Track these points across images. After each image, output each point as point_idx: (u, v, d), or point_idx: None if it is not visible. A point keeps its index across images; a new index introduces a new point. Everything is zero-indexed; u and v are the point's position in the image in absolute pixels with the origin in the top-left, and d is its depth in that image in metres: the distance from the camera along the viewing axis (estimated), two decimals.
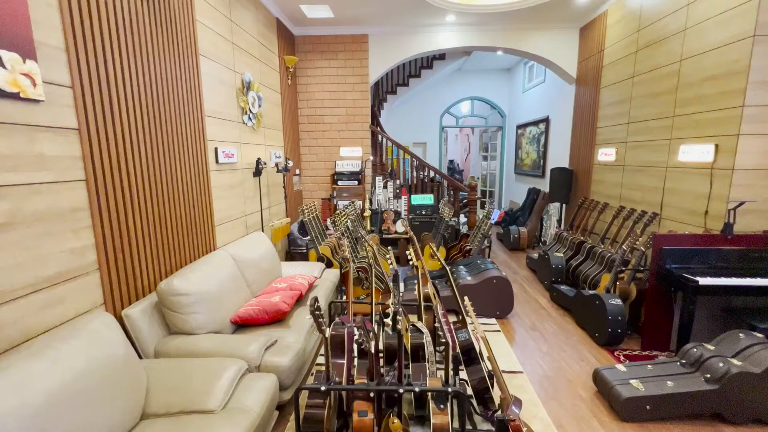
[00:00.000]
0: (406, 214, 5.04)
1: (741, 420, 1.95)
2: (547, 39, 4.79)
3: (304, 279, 2.83)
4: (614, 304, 2.71)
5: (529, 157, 6.59)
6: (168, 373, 1.67)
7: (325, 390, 1.40)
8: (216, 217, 2.83)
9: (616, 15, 3.96)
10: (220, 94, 2.91)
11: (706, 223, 2.75)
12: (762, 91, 2.46)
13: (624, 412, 2.00)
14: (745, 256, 2.47)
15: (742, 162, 2.54)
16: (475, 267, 3.47)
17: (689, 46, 2.95)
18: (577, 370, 2.48)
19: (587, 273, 3.46)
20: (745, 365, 1.94)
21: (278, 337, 2.16)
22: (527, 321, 3.21)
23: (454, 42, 4.82)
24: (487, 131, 8.65)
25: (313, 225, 3.63)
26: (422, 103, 7.89)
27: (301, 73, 4.95)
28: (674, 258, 2.53)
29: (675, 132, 3.10)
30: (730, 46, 2.57)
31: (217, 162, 2.85)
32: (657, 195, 3.31)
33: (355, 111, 5.05)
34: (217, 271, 2.29)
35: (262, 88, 3.76)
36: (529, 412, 2.06)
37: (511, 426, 1.42)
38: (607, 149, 4.10)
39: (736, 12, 2.53)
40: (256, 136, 3.59)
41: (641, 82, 3.54)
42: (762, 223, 2.59)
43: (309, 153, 5.15)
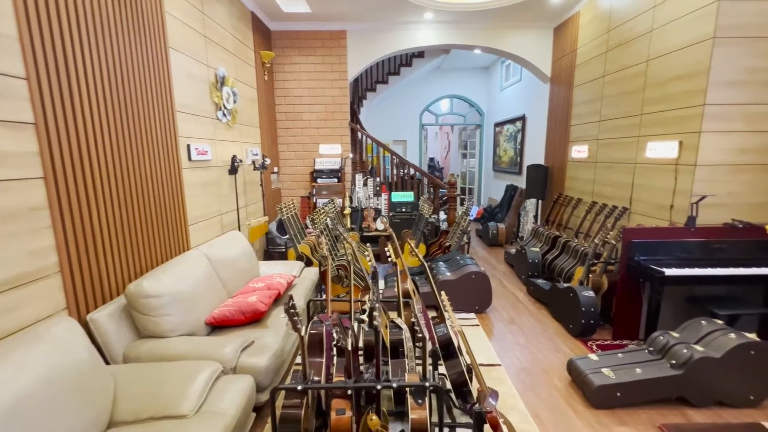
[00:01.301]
0: (387, 211, 5.04)
1: (703, 403, 2.05)
2: (523, 38, 4.88)
3: (283, 278, 2.78)
4: (587, 296, 2.80)
5: (507, 155, 6.72)
6: (137, 379, 1.60)
7: (301, 389, 1.38)
8: (189, 216, 2.74)
9: (588, 16, 4.07)
10: (193, 89, 2.82)
11: (672, 216, 2.88)
12: (722, 90, 2.59)
13: (596, 399, 2.07)
14: (707, 247, 2.60)
15: (704, 158, 2.67)
16: (455, 263, 3.51)
17: (655, 47, 3.07)
18: (553, 361, 2.55)
19: (562, 266, 3.56)
20: (707, 351, 2.05)
21: (255, 337, 2.11)
22: (505, 315, 3.28)
23: (433, 40, 4.85)
24: (466, 129, 8.75)
25: (292, 223, 3.58)
26: (402, 100, 7.90)
27: (278, 68, 4.85)
28: (642, 250, 2.64)
29: (643, 129, 3.22)
30: (693, 47, 2.69)
31: (189, 159, 2.76)
32: (627, 190, 3.43)
33: (334, 108, 5.01)
34: (191, 272, 2.21)
35: (237, 83, 3.67)
36: (507, 404, 2.10)
37: (487, 418, 1.44)
38: (580, 146, 4.23)
39: (698, 15, 2.64)
40: (231, 132, 3.49)
41: (611, 82, 3.67)
42: (722, 215, 2.73)
43: (287, 150, 5.07)
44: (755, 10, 2.49)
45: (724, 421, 1.95)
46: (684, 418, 1.98)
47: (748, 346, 2.00)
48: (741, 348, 1.99)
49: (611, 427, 1.94)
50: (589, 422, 1.97)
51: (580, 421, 1.98)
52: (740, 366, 2.01)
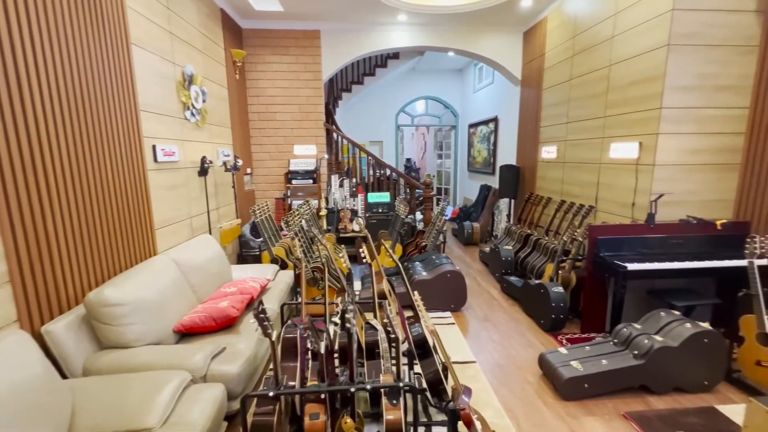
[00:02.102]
0: (363, 212, 5.03)
1: (663, 390, 2.17)
2: (495, 42, 5.00)
3: (256, 282, 2.72)
4: (557, 291, 2.90)
5: (481, 155, 6.86)
6: (98, 392, 1.52)
7: (273, 395, 1.35)
8: (156, 220, 2.63)
9: (555, 21, 4.23)
10: (158, 88, 2.71)
11: (634, 214, 3.03)
12: (676, 95, 2.75)
13: (565, 391, 2.14)
14: (665, 242, 2.75)
15: (662, 158, 2.83)
16: (430, 262, 3.54)
17: (617, 53, 3.22)
18: (525, 356, 2.62)
19: (533, 264, 3.67)
20: (666, 341, 2.16)
21: (227, 343, 2.05)
22: (480, 312, 3.34)
23: (407, 41, 4.88)
24: (441, 130, 8.88)
25: (266, 226, 3.50)
26: (378, 101, 7.91)
27: (250, 68, 4.75)
28: (607, 247, 2.76)
29: (606, 131, 3.37)
30: (650, 53, 2.84)
31: (155, 160, 2.64)
32: (593, 189, 3.58)
33: (309, 108, 4.95)
34: (157, 278, 2.12)
35: (207, 82, 3.56)
36: (482, 400, 2.15)
37: (461, 415, 1.46)
38: (550, 147, 4.38)
39: (654, 23, 2.80)
40: (200, 133, 3.38)
41: (578, 85, 3.82)
42: (679, 212, 2.89)
43: (261, 151, 4.97)
44: (705, 20, 2.66)
45: (682, 406, 2.07)
46: (646, 406, 2.08)
47: (702, 334, 2.13)
48: (696, 337, 2.12)
49: (579, 417, 2.01)
50: (559, 414, 2.04)
51: (550, 413, 2.05)
52: (695, 354, 2.14)
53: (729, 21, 2.67)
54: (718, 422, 1.94)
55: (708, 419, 1.96)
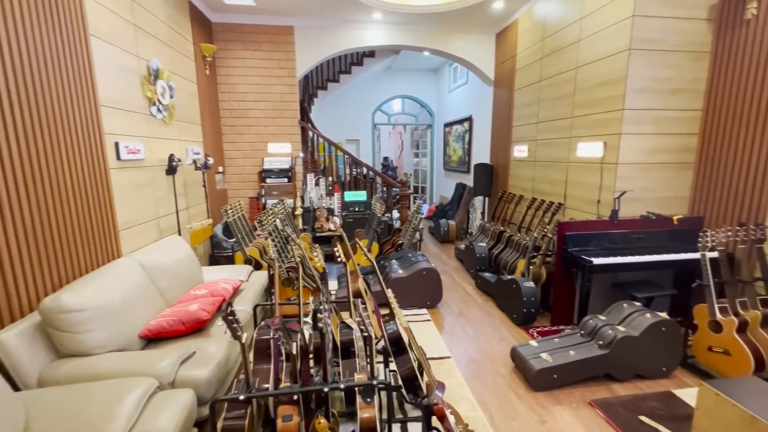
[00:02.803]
0: (340, 211, 5.00)
1: (625, 377, 2.28)
2: (468, 43, 5.08)
3: (228, 283, 2.65)
4: (528, 286, 2.99)
5: (456, 154, 6.97)
6: (55, 403, 1.43)
7: (244, 399, 1.32)
8: (120, 221, 2.51)
9: (526, 24, 4.34)
10: (121, 82, 2.58)
11: (599, 210, 3.17)
12: (636, 97, 2.89)
13: (536, 382, 2.22)
14: (628, 237, 2.89)
15: (624, 157, 2.97)
16: (407, 260, 3.57)
17: (583, 56, 3.35)
18: (498, 350, 2.69)
19: (506, 260, 3.77)
20: (628, 330, 2.28)
21: (197, 348, 1.99)
22: (455, 308, 3.40)
23: (382, 40, 4.88)
24: (418, 129, 8.94)
25: (239, 226, 3.42)
26: (354, 100, 7.88)
27: (221, 63, 4.61)
28: (574, 242, 2.87)
29: (574, 131, 3.51)
30: (613, 57, 2.97)
31: (118, 158, 2.52)
32: (562, 187, 3.72)
33: (283, 105, 4.86)
34: (121, 281, 2.03)
35: (174, 77, 3.42)
36: (456, 394, 2.19)
37: (434, 410, 1.48)
38: (521, 146, 4.50)
39: (616, 28, 2.93)
40: (168, 129, 3.25)
41: (547, 86, 3.94)
42: (640, 208, 3.05)
43: (233, 149, 4.83)
44: (662, 27, 2.81)
45: (642, 392, 2.19)
46: (610, 393, 2.19)
47: (661, 324, 2.25)
48: (655, 326, 2.24)
49: (549, 407, 2.09)
50: (530, 404, 2.11)
51: (521, 404, 2.11)
52: (654, 342, 2.26)
53: (683, 28, 2.84)
54: (674, 405, 2.06)
55: (666, 403, 2.09)
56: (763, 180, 2.57)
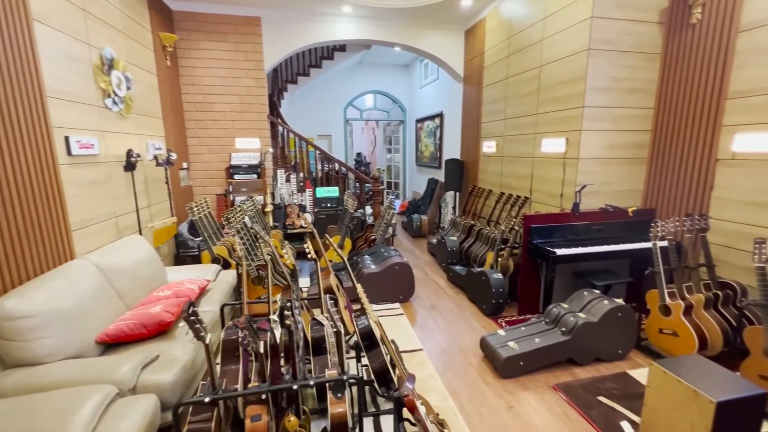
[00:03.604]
0: (312, 207, 4.94)
1: (586, 361, 2.41)
2: (438, 39, 5.13)
3: (194, 284, 2.56)
4: (496, 278, 3.09)
5: (428, 150, 7.05)
6: (2, 417, 1.34)
7: (209, 401, 1.29)
8: (72, 221, 2.35)
9: (493, 22, 4.44)
10: (70, 72, 2.40)
11: (562, 203, 3.31)
12: (595, 95, 3.03)
13: (504, 370, 2.30)
14: (588, 229, 3.05)
15: (585, 153, 3.11)
16: (379, 255, 3.59)
17: (546, 55, 3.46)
18: (469, 341, 2.76)
19: (476, 253, 3.86)
20: (588, 317, 2.41)
21: (161, 351, 1.91)
22: (427, 302, 3.46)
23: (352, 34, 4.83)
24: (390, 125, 8.96)
25: (205, 224, 3.30)
26: (325, 94, 7.76)
27: (183, 54, 4.40)
28: (539, 234, 2.99)
29: (538, 127, 3.63)
30: (574, 56, 3.10)
31: (69, 153, 2.36)
32: (527, 181, 3.85)
33: (251, 99, 4.72)
34: (74, 285, 1.91)
35: (132, 67, 3.23)
36: (428, 385, 2.23)
37: (405, 401, 1.50)
38: (490, 142, 4.62)
39: (576, 29, 3.05)
40: (125, 123, 3.08)
41: (513, 84, 4.06)
42: (599, 201, 3.22)
43: (198, 144, 4.64)
44: (617, 29, 2.95)
45: (601, 374, 2.33)
46: (572, 376, 2.31)
47: (617, 309, 2.40)
48: (612, 312, 2.38)
49: (516, 393, 2.17)
50: (498, 391, 2.19)
51: (490, 392, 2.18)
52: (611, 326, 2.40)
53: (637, 30, 3.00)
54: (629, 385, 2.21)
55: (621, 383, 2.23)
56: (706, 174, 2.77)
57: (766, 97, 2.41)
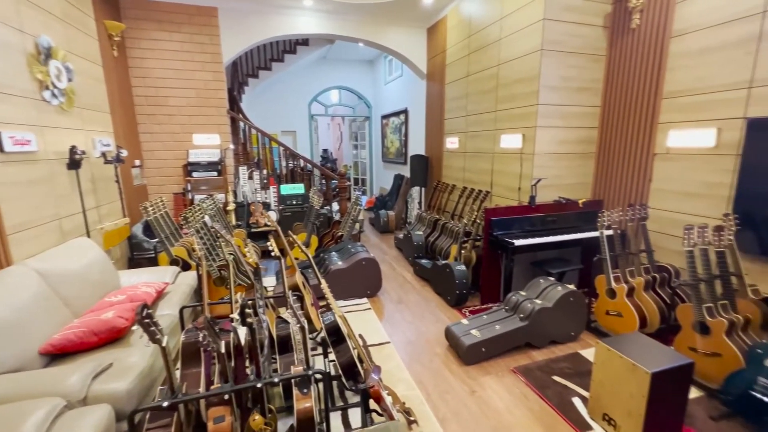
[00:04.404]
0: (277, 205, 4.84)
1: (542, 344, 2.57)
2: (401, 36, 5.17)
3: (150, 287, 2.44)
4: (459, 269, 3.19)
5: (394, 146, 7.11)
6: None
7: (168, 406, 1.25)
8: (8, 224, 2.16)
9: (454, 20, 4.54)
10: (0, 61, 2.20)
11: (520, 196, 3.48)
12: (548, 93, 3.20)
13: (467, 357, 2.40)
14: (543, 220, 3.22)
15: (539, 148, 3.28)
16: (346, 252, 3.59)
17: (504, 54, 3.60)
18: (434, 331, 2.85)
19: (441, 246, 3.97)
20: (544, 303, 2.56)
21: (115, 359, 1.81)
22: (395, 295, 3.51)
23: (314, 28, 4.76)
24: (356, 120, 8.93)
25: (162, 224, 3.14)
26: (288, 89, 7.59)
27: (132, 44, 4.13)
28: (499, 226, 3.12)
29: (498, 124, 3.78)
30: (528, 56, 3.25)
31: (2, 150, 2.16)
32: (488, 176, 4.00)
33: (209, 93, 4.52)
34: (11, 293, 1.77)
35: (73, 57, 3.00)
36: (395, 377, 2.28)
37: (370, 392, 1.54)
38: (453, 138, 4.74)
39: (530, 30, 3.20)
40: (67, 118, 2.85)
41: (474, 81, 4.18)
42: (553, 194, 3.41)
43: (152, 141, 4.40)
44: (567, 31, 3.13)
45: (555, 355, 2.49)
46: (529, 359, 2.45)
47: (569, 294, 2.57)
48: (564, 297, 2.55)
49: (478, 378, 2.27)
50: (462, 378, 2.28)
51: (455, 379, 2.27)
52: (565, 311, 2.57)
53: (584, 32, 3.19)
54: (580, 364, 2.38)
55: (574, 363, 2.39)
56: (646, 167, 3.02)
57: (693, 98, 2.67)
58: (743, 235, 2.35)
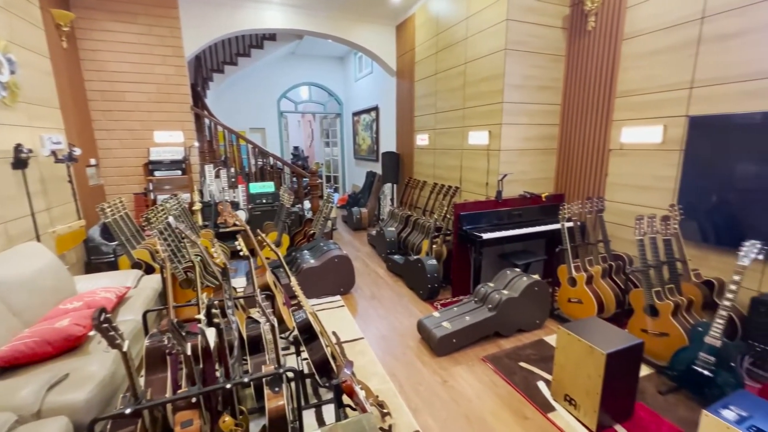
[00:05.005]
0: (246, 204, 4.72)
1: (509, 332, 2.68)
2: (371, 33, 5.17)
3: (110, 292, 2.33)
4: (431, 264, 3.26)
5: (365, 143, 7.11)
6: None
7: (131, 413, 1.20)
8: None
9: (422, 18, 4.59)
10: None
11: (487, 191, 3.59)
12: (513, 91, 3.31)
13: (439, 349, 2.46)
14: (510, 214, 3.35)
15: (505, 144, 3.40)
16: (318, 250, 3.57)
17: (470, 52, 3.69)
18: (407, 325, 2.89)
19: (413, 241, 4.03)
20: (510, 293, 2.67)
21: (72, 368, 1.72)
22: (368, 292, 3.53)
23: (282, 23, 4.66)
24: (327, 118, 8.84)
25: (121, 226, 2.99)
26: (257, 85, 7.39)
27: (83, 35, 3.88)
28: (468, 221, 3.21)
29: (466, 121, 3.87)
30: (493, 55, 3.35)
31: None
32: (457, 172, 4.10)
33: (170, 89, 4.33)
34: None
35: (16, 48, 2.78)
36: (368, 371, 2.30)
37: (343, 387, 1.55)
38: (423, 135, 4.80)
39: (495, 29, 3.29)
40: (11, 113, 2.65)
41: (442, 79, 4.25)
42: (518, 188, 3.54)
43: (109, 138, 4.16)
44: (529, 31, 3.25)
45: (522, 343, 2.60)
46: (498, 348, 2.55)
47: (534, 284, 2.69)
48: (529, 287, 2.66)
49: (449, 368, 2.34)
50: (434, 369, 2.34)
51: (427, 371, 2.33)
52: (530, 300, 2.69)
53: (545, 33, 3.33)
54: (544, 349, 2.50)
55: (538, 349, 2.52)
56: (602, 162, 3.20)
57: (643, 97, 2.86)
58: (687, 223, 2.55)
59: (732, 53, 2.32)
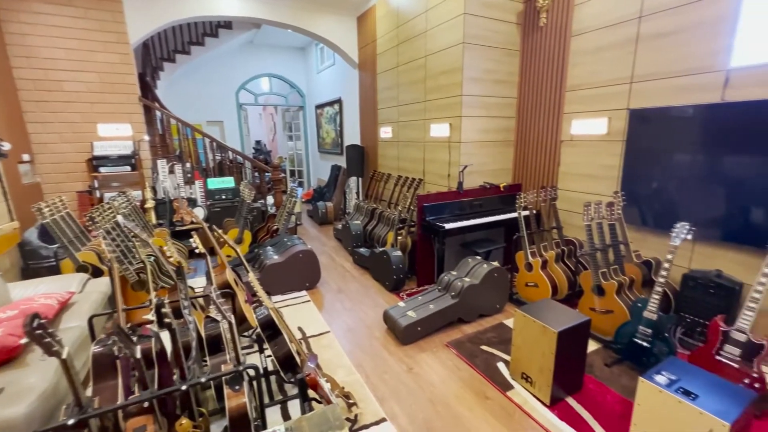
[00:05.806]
0: (204, 200, 4.52)
1: (471, 318, 2.78)
2: (331, 23, 5.07)
3: (51, 298, 2.15)
4: (396, 255, 3.30)
5: (329, 136, 7.01)
6: None
7: (75, 423, 1.13)
8: None
9: (382, 10, 4.56)
10: None
11: (449, 183, 3.67)
12: (471, 85, 3.39)
13: (404, 337, 2.51)
14: (471, 204, 3.45)
15: (465, 136, 3.48)
16: (282, 245, 3.50)
17: (430, 45, 3.73)
18: (373, 316, 2.92)
19: (379, 234, 4.05)
20: (472, 280, 2.76)
21: (9, 382, 1.59)
22: (334, 285, 3.52)
23: (237, 10, 4.46)
24: (290, 110, 8.61)
25: (63, 227, 2.76)
26: (212, 76, 7.04)
27: (9, 17, 3.50)
28: (431, 212, 3.27)
29: (427, 113, 3.92)
30: (452, 48, 3.40)
31: None
32: (420, 164, 4.15)
33: (115, 78, 4.03)
34: None
35: None
36: (334, 364, 2.31)
37: (307, 380, 1.55)
38: (386, 128, 4.81)
39: (453, 23, 3.35)
40: None
41: (404, 71, 4.27)
42: (478, 179, 3.65)
43: (45, 132, 3.81)
44: (485, 26, 3.33)
45: (483, 327, 2.71)
46: (461, 333, 2.64)
47: (494, 271, 2.80)
48: (489, 273, 2.77)
49: (415, 356, 2.40)
50: (399, 357, 2.38)
51: (393, 359, 2.37)
52: (490, 286, 2.80)
53: (500, 28, 3.43)
54: (504, 332, 2.62)
55: (499, 332, 2.64)
56: (555, 153, 3.37)
57: (590, 91, 3.03)
58: (628, 209, 2.76)
59: (667, 51, 2.52)
